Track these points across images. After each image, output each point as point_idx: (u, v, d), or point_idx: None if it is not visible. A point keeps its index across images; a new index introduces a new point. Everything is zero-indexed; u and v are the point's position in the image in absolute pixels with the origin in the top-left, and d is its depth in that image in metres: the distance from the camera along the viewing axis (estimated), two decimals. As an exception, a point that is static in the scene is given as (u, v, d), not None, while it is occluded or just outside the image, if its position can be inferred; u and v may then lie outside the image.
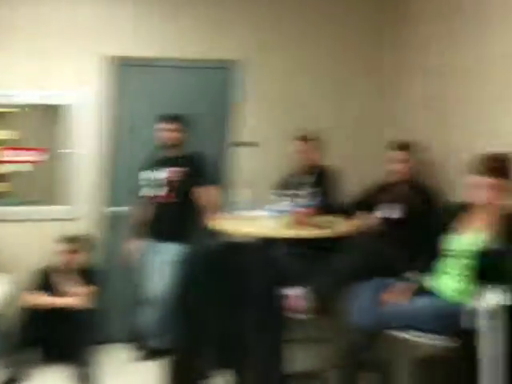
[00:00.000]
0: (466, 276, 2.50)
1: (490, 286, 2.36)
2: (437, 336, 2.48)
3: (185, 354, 2.96)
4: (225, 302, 2.90)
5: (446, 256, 2.66)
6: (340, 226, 3.30)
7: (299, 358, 3.39)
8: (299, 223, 3.24)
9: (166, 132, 3.77)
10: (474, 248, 2.44)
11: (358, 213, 3.47)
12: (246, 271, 2.93)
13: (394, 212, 3.27)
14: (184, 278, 3.12)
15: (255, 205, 3.51)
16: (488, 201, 2.52)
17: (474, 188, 2.58)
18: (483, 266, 2.42)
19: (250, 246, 3.17)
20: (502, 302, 2.30)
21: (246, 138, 4.15)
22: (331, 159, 3.85)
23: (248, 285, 2.88)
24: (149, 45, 4.02)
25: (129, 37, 3.99)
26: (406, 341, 2.54)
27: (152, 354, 3.66)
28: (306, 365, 3.39)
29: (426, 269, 2.71)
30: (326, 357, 2.76)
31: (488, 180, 2.52)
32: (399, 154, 3.30)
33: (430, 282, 2.68)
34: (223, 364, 2.74)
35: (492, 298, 2.33)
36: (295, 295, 2.96)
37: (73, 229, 3.85)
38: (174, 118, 3.77)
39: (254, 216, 3.42)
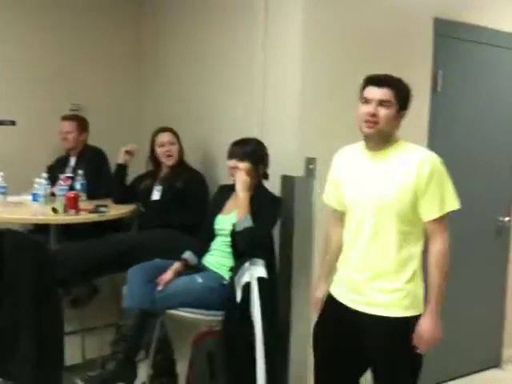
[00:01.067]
0: (230, 253, 2.70)
1: (249, 261, 2.60)
2: (212, 311, 2.62)
3: None
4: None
5: (217, 235, 2.83)
6: (112, 209, 3.25)
7: (80, 349, 3.29)
8: (69, 207, 3.10)
9: None
10: (232, 227, 2.63)
11: (128, 196, 3.46)
12: (10, 262, 2.71)
13: (158, 194, 3.33)
14: None
15: (18, 189, 3.25)
16: (242, 182, 2.68)
17: (231, 171, 2.77)
18: (239, 243, 2.64)
19: (13, 234, 2.93)
20: (262, 275, 2.55)
21: (2, 115, 3.74)
22: (96, 140, 3.74)
23: (13, 277, 2.68)
24: None
25: None
26: (184, 319, 2.63)
27: None
28: (87, 355, 3.31)
29: (202, 248, 2.84)
30: (105, 344, 2.72)
31: (240, 163, 2.71)
32: (165, 136, 3.34)
33: (204, 260, 2.82)
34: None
35: (253, 272, 2.56)
36: None
37: None
38: None
39: (18, 201, 3.18)
